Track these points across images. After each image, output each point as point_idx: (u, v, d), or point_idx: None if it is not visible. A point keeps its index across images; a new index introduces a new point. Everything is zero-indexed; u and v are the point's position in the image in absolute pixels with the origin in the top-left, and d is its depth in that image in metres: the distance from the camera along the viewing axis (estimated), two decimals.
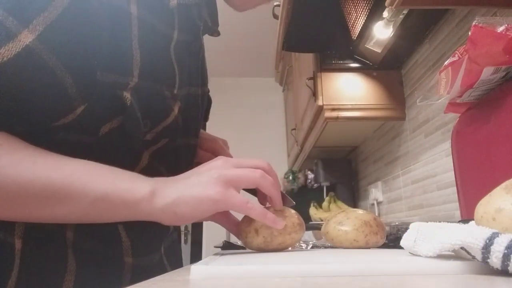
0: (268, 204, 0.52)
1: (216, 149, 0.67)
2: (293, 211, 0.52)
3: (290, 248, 0.55)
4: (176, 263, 0.61)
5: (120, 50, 0.44)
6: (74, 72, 0.40)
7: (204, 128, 0.70)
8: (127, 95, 0.45)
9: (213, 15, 0.65)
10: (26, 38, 0.37)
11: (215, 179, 0.44)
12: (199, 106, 0.60)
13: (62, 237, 0.45)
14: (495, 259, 0.25)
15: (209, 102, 0.70)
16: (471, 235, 0.27)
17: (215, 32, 0.68)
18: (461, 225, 0.31)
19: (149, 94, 0.48)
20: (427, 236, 0.33)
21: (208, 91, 0.68)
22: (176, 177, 0.47)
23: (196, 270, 0.30)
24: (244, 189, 0.50)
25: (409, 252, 0.37)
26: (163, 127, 0.50)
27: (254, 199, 0.51)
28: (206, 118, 0.70)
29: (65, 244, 0.45)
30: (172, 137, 0.52)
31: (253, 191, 0.54)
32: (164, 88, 0.50)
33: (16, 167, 0.38)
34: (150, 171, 0.49)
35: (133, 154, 0.49)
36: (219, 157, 0.49)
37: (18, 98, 0.38)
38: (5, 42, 0.36)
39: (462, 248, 0.28)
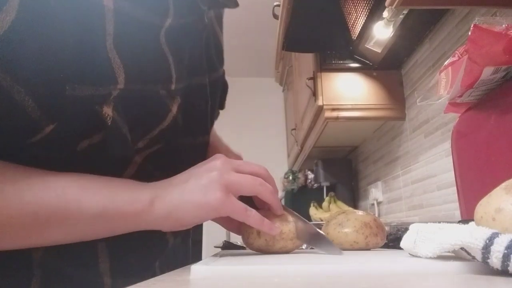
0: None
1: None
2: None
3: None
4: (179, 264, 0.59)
5: (93, 56, 0.36)
6: (35, 93, 0.34)
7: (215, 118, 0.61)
8: (107, 111, 0.38)
9: None
10: None
11: (215, 183, 0.42)
12: (207, 98, 0.53)
13: (27, 257, 0.41)
14: (495, 259, 0.25)
15: (224, 87, 0.64)
16: (471, 235, 0.27)
17: (231, 3, 0.57)
18: (461, 226, 0.31)
19: (139, 97, 0.41)
20: (426, 238, 0.33)
21: (223, 73, 0.62)
22: (173, 179, 0.44)
23: (196, 270, 0.30)
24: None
25: (409, 254, 0.37)
26: (159, 131, 0.44)
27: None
28: (222, 106, 0.64)
29: (30, 264, 0.41)
30: (170, 139, 0.47)
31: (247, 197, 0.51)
32: (159, 87, 0.43)
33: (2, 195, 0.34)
34: (143, 178, 0.44)
35: (120, 163, 0.44)
36: (217, 155, 0.47)
37: None
38: None
39: (462, 248, 0.28)
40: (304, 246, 0.62)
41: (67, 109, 0.36)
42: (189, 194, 0.42)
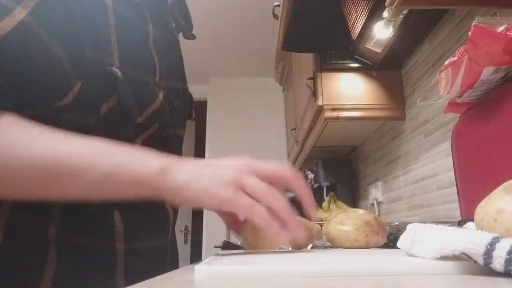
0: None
1: None
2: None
3: (290, 248, 0.55)
4: (172, 259, 0.61)
5: (100, 33, 0.47)
6: (65, 47, 0.42)
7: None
8: (116, 70, 0.47)
9: (185, 15, 0.67)
10: (20, 13, 0.39)
11: (230, 180, 0.42)
12: (182, 100, 0.61)
13: (44, 233, 0.44)
14: (498, 265, 0.25)
15: (191, 99, 0.70)
16: (471, 241, 0.27)
17: (190, 35, 0.69)
18: (460, 229, 0.31)
19: (133, 78, 0.49)
20: (424, 239, 0.33)
21: (187, 88, 0.69)
22: (192, 160, 0.45)
23: (200, 270, 0.30)
24: None
25: (406, 253, 0.37)
26: (152, 112, 0.51)
27: None
28: (190, 116, 0.69)
29: (47, 238, 0.44)
30: (161, 123, 0.53)
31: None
32: (146, 74, 0.51)
33: (27, 143, 0.39)
34: None
35: (127, 140, 0.50)
36: (241, 156, 0.47)
37: (18, 74, 0.39)
38: (2, 17, 0.38)
39: (462, 253, 0.28)
40: (309, 247, 0.62)
41: (88, 67, 0.45)
42: (202, 177, 0.43)
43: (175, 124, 0.58)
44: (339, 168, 2.31)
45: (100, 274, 0.47)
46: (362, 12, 1.34)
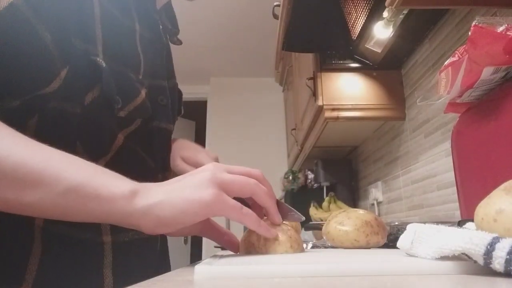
0: (265, 218, 0.48)
1: (199, 159, 0.63)
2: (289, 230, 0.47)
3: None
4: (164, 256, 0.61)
5: (86, 23, 0.47)
6: (52, 31, 0.42)
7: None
8: (101, 60, 0.47)
9: (171, 18, 0.67)
10: None
11: (208, 181, 0.40)
12: (167, 96, 0.61)
13: (30, 222, 0.44)
14: (498, 265, 0.25)
15: (180, 94, 0.70)
16: (471, 241, 0.27)
17: (176, 40, 0.70)
18: (459, 230, 0.31)
19: (115, 72, 0.49)
20: (424, 239, 0.33)
21: (176, 85, 0.68)
22: (162, 183, 0.43)
23: (200, 270, 0.30)
24: None
25: (406, 254, 0.37)
26: (134, 108, 0.51)
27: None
28: (179, 111, 0.69)
29: (32, 229, 0.44)
30: (144, 118, 0.53)
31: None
32: (129, 71, 0.52)
33: None
34: (126, 152, 0.51)
35: (110, 133, 0.49)
36: (210, 163, 0.45)
37: (5, 56, 0.38)
38: None
39: (462, 253, 0.28)
40: (304, 246, 0.62)
41: (74, 54, 0.45)
42: (179, 190, 0.40)
43: (159, 118, 0.58)
44: (339, 168, 2.31)
45: (87, 265, 0.47)
46: (362, 12, 1.34)
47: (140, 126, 0.54)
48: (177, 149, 0.66)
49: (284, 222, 0.48)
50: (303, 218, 0.51)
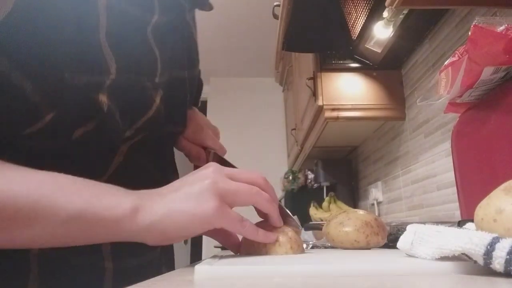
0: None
1: (203, 138, 0.59)
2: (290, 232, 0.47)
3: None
4: (169, 262, 0.59)
5: (89, 46, 0.38)
6: (34, 77, 0.35)
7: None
8: (103, 98, 0.39)
9: None
10: None
11: (209, 192, 0.39)
12: (186, 91, 0.55)
13: (25, 250, 0.40)
14: (498, 265, 0.25)
15: (200, 85, 0.65)
16: (471, 241, 0.27)
17: (206, 6, 0.61)
18: (459, 230, 0.31)
19: (128, 87, 0.43)
20: (424, 240, 0.33)
21: (199, 73, 0.62)
22: (162, 189, 0.41)
23: (200, 270, 0.30)
24: None
25: (406, 254, 0.37)
26: (143, 122, 0.46)
27: None
28: (196, 103, 0.64)
29: (27, 255, 0.40)
30: (153, 129, 0.48)
31: None
32: (145, 79, 0.45)
33: None
34: (130, 167, 0.46)
35: (108, 152, 0.45)
36: (210, 163, 0.44)
37: None
38: None
39: (462, 253, 0.28)
40: (304, 246, 0.62)
41: (66, 96, 0.37)
42: (179, 203, 0.39)
43: (173, 121, 0.53)
44: (339, 168, 2.31)
45: None
46: (362, 12, 1.34)
47: (148, 134, 0.48)
48: None
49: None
50: (300, 228, 0.51)
